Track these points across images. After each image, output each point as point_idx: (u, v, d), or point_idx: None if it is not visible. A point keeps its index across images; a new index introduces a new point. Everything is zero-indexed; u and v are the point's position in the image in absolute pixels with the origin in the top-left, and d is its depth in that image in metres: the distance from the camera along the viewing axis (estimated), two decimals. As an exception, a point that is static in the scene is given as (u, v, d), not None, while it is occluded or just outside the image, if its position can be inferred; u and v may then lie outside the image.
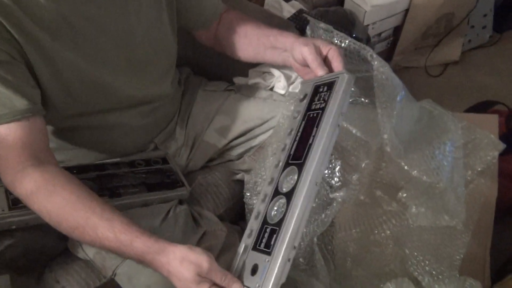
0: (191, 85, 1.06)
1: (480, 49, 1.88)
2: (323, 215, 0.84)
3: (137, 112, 0.88)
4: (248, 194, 0.90)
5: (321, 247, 0.90)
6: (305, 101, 0.77)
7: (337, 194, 0.85)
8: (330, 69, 0.76)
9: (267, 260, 0.63)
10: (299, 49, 0.78)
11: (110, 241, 0.64)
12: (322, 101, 0.72)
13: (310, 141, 0.69)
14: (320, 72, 0.75)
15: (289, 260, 0.62)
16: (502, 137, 1.27)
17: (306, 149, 0.68)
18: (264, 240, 0.66)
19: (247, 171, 0.98)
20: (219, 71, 1.12)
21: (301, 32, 1.44)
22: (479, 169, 0.97)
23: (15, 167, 0.67)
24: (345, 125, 0.85)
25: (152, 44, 0.83)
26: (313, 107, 0.74)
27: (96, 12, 0.73)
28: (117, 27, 0.76)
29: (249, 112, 0.98)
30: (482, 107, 1.36)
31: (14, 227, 0.76)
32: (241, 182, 1.00)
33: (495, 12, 1.82)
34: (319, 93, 0.74)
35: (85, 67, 0.75)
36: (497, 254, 1.15)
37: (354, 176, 0.86)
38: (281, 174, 0.71)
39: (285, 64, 0.87)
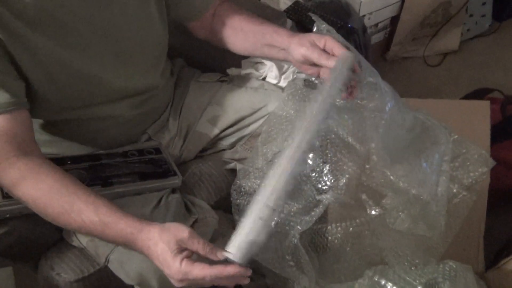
0: (184, 77, 1.06)
1: (480, 38, 1.86)
2: (307, 217, 0.85)
3: (128, 103, 0.88)
4: (239, 182, 0.91)
5: (305, 244, 0.90)
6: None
7: (323, 196, 0.86)
8: None
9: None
10: (297, 51, 0.80)
11: (95, 225, 0.65)
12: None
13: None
14: (331, 63, 0.76)
15: (260, 218, 0.62)
16: (498, 125, 1.26)
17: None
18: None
19: (240, 160, 0.99)
20: (212, 63, 1.13)
21: (297, 25, 1.46)
22: (467, 184, 0.96)
23: None
24: (335, 129, 0.86)
25: (139, 35, 0.83)
26: None
27: (78, 4, 0.73)
28: (100, 18, 0.76)
29: (241, 102, 0.99)
30: (478, 95, 1.36)
31: (7, 215, 0.77)
32: (234, 172, 1.01)
33: (494, 0, 1.80)
34: None
35: (70, 59, 0.75)
36: (493, 240, 1.15)
37: (341, 181, 0.86)
38: None
39: (286, 60, 0.88)
